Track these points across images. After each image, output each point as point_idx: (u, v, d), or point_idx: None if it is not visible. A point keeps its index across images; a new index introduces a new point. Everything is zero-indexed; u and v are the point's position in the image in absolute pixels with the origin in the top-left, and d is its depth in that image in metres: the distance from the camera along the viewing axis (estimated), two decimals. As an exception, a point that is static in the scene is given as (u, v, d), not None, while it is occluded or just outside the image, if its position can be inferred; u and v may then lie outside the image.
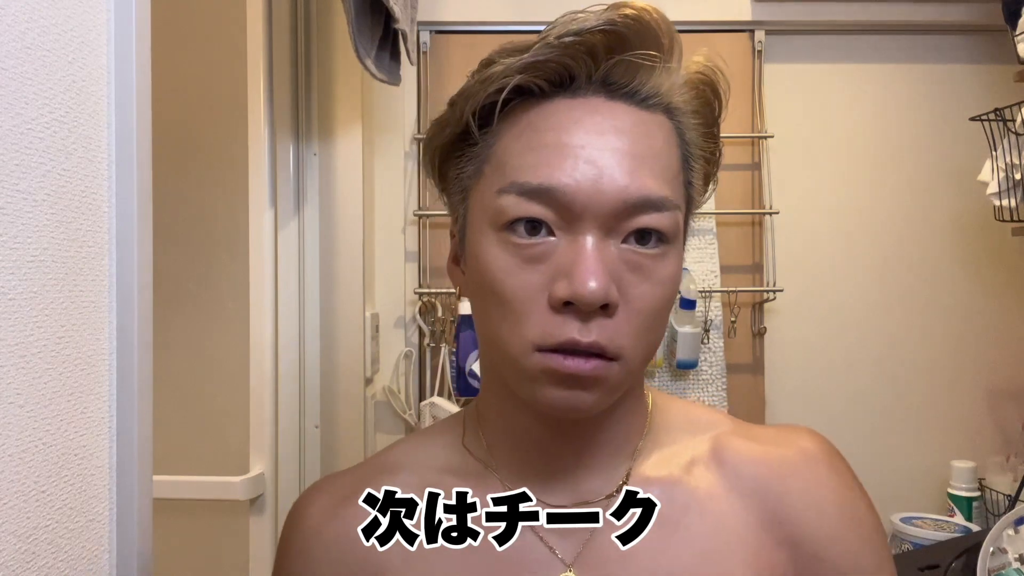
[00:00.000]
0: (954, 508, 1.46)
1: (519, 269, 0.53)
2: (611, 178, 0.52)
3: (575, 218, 0.52)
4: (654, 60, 0.55)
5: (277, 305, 1.35)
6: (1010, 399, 1.59)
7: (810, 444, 0.62)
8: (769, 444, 0.61)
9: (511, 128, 0.56)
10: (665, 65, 0.56)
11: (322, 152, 1.40)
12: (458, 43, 1.57)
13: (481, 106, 0.56)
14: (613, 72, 0.55)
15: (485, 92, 0.55)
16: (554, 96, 0.56)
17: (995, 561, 1.10)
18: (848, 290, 1.60)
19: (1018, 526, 1.12)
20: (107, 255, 0.53)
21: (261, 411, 1.32)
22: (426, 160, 0.63)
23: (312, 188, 1.39)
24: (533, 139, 0.54)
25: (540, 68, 0.54)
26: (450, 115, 0.59)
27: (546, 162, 0.53)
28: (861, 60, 1.60)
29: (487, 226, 0.55)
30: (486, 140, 0.57)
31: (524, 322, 0.52)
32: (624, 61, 0.54)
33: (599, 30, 0.53)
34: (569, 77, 0.55)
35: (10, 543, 0.44)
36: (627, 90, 0.55)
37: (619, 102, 0.55)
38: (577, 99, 0.55)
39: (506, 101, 0.55)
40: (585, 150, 0.53)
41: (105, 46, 0.53)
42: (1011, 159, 1.34)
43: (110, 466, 0.54)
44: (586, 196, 0.51)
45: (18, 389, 0.45)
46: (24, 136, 0.45)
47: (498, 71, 0.55)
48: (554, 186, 0.52)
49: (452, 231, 0.63)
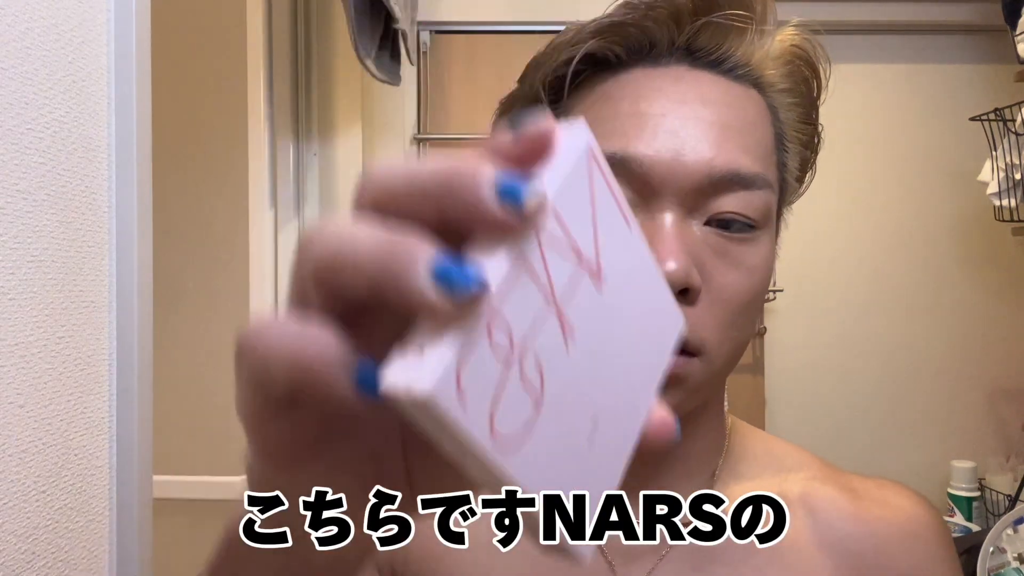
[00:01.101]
0: (954, 508, 1.46)
1: None
2: (694, 150, 0.46)
3: (653, 193, 0.46)
4: (746, 22, 0.49)
5: (277, 305, 1.35)
6: (1010, 399, 1.59)
7: (918, 511, 0.54)
8: (869, 501, 0.53)
9: (584, 101, 0.50)
10: (759, 27, 0.50)
11: (322, 152, 1.40)
12: (458, 43, 1.56)
13: (553, 77, 0.50)
14: (698, 38, 0.49)
15: (556, 61, 0.49)
16: (632, 65, 0.49)
17: (995, 560, 1.10)
18: (848, 290, 1.60)
19: (1017, 526, 1.12)
20: (107, 255, 0.53)
21: (261, 411, 1.32)
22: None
23: (312, 188, 1.39)
24: (607, 108, 0.48)
25: (617, 32, 0.48)
26: (519, 91, 0.53)
27: (621, 131, 0.46)
28: (862, 60, 1.60)
29: None
30: (558, 116, 0.50)
31: None
32: (711, 24, 0.48)
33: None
34: (649, 44, 0.49)
35: (10, 543, 0.44)
36: (714, 58, 0.49)
37: (705, 71, 0.49)
38: (658, 68, 0.49)
39: (578, 72, 0.49)
40: (666, 119, 0.46)
41: (105, 46, 0.53)
42: (1011, 159, 1.34)
43: (110, 466, 0.54)
44: (665, 168, 0.45)
45: (18, 389, 0.45)
46: (24, 136, 0.45)
47: (568, 37, 0.49)
48: (630, 156, 0.46)
49: None
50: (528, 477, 0.23)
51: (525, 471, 0.22)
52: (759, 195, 0.47)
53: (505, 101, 0.55)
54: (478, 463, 0.21)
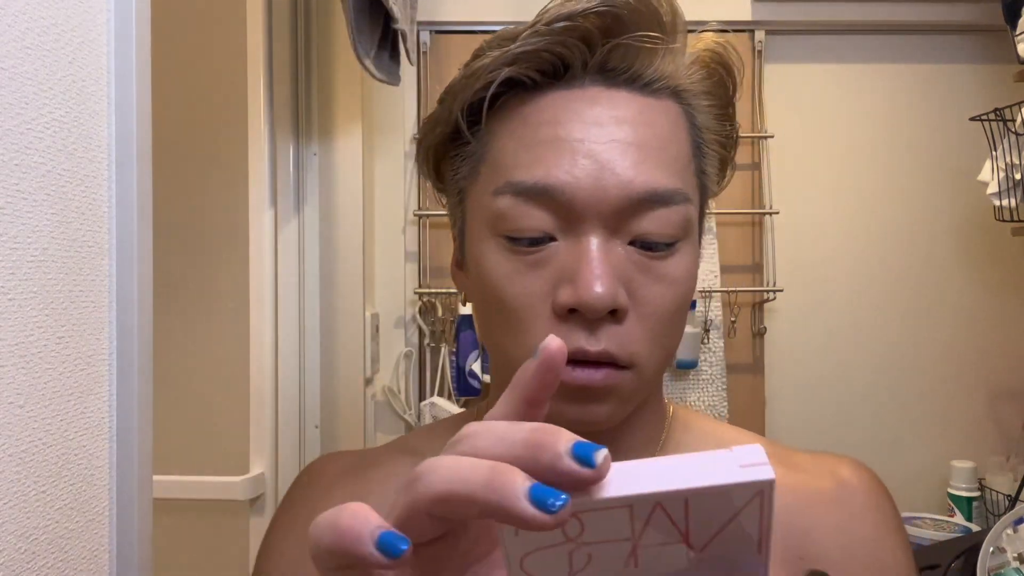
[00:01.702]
0: (954, 508, 1.46)
1: (519, 276, 0.49)
2: (613, 172, 0.47)
3: (577, 218, 0.47)
4: (655, 42, 0.50)
5: (277, 305, 1.35)
6: (1010, 399, 1.59)
7: (850, 475, 0.57)
8: (805, 473, 0.56)
9: (504, 124, 0.51)
10: (669, 46, 0.51)
11: (322, 152, 1.40)
12: (458, 43, 1.57)
13: (470, 103, 0.51)
14: (611, 58, 0.50)
15: (473, 88, 0.51)
16: (548, 88, 0.51)
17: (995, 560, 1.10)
18: (848, 290, 1.60)
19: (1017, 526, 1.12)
20: (107, 255, 0.53)
21: (261, 411, 1.32)
22: (420, 160, 0.58)
23: (312, 188, 1.39)
24: (527, 135, 0.49)
25: (530, 58, 0.50)
26: (440, 113, 0.54)
27: (542, 159, 0.48)
28: (861, 60, 1.60)
29: (485, 230, 0.50)
30: (479, 138, 0.53)
31: (528, 331, 0.48)
32: (622, 45, 0.49)
33: (593, 12, 0.48)
34: (563, 66, 0.50)
35: (10, 543, 0.44)
36: (628, 76, 0.50)
37: (620, 90, 0.50)
38: (573, 90, 0.50)
39: (496, 96, 0.51)
40: (584, 144, 0.48)
41: (105, 46, 0.53)
42: (1011, 159, 1.34)
43: (110, 466, 0.54)
44: (587, 194, 0.47)
45: (18, 389, 0.45)
46: (24, 136, 0.45)
47: (485, 64, 0.50)
48: (551, 185, 0.47)
49: (453, 234, 0.58)
50: None
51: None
52: (677, 210, 0.49)
53: (427, 122, 0.56)
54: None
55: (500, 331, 0.51)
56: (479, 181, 0.52)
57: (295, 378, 1.37)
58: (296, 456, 1.37)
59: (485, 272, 0.50)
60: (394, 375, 1.55)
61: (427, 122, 0.56)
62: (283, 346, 1.35)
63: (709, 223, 1.53)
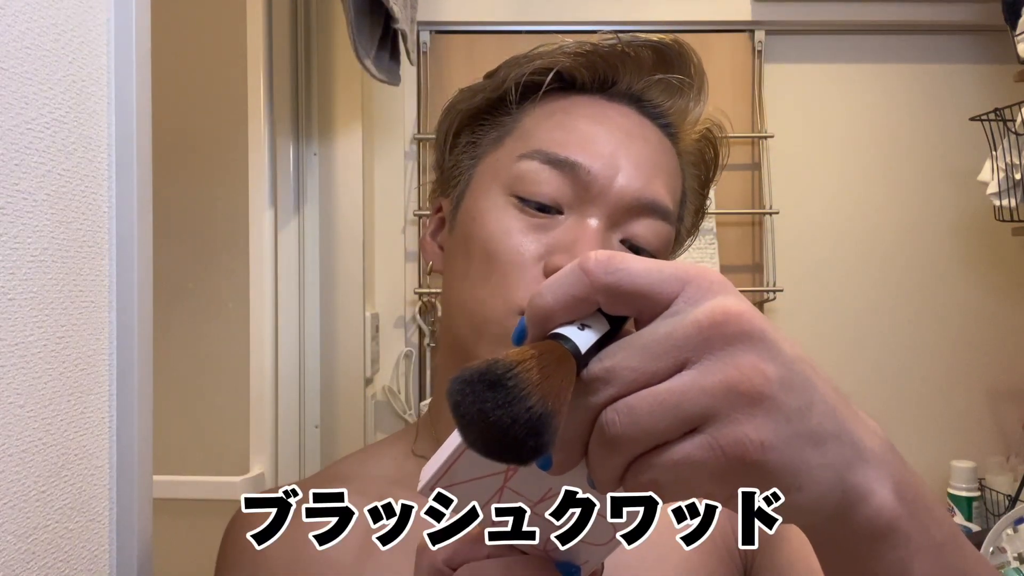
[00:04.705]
0: (954, 508, 1.46)
1: (520, 233, 0.53)
2: (631, 175, 0.53)
3: (589, 200, 0.53)
4: (688, 89, 0.58)
5: (277, 305, 1.35)
6: (1010, 399, 1.59)
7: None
8: None
9: (542, 108, 0.58)
10: (695, 97, 0.59)
11: (322, 152, 1.40)
12: (458, 43, 1.56)
13: (525, 80, 0.57)
14: (650, 90, 0.58)
15: (532, 66, 0.57)
16: (589, 92, 0.58)
17: (994, 560, 1.10)
18: (848, 290, 1.60)
19: (1017, 526, 1.12)
20: (107, 255, 0.53)
21: (261, 411, 1.32)
22: (443, 123, 0.62)
23: (312, 188, 1.39)
24: (566, 121, 0.56)
25: (591, 61, 0.57)
26: (486, 83, 0.60)
27: (577, 141, 0.54)
28: (861, 60, 1.60)
29: (497, 188, 0.55)
30: (515, 115, 0.59)
31: (513, 284, 0.52)
32: (662, 83, 0.58)
33: (650, 47, 0.57)
34: (611, 80, 0.58)
35: (10, 543, 0.44)
36: (657, 111, 0.58)
37: (647, 119, 0.58)
38: (613, 102, 0.58)
39: (547, 82, 0.57)
40: (613, 144, 0.54)
41: (105, 46, 0.53)
42: (1011, 159, 1.34)
43: (110, 466, 0.54)
44: (605, 181, 0.53)
45: (18, 389, 0.45)
46: (24, 136, 0.45)
47: (550, 50, 0.57)
48: (580, 163, 0.53)
49: (439, 205, 0.62)
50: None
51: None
52: (667, 228, 0.56)
53: (466, 90, 0.62)
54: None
55: (481, 283, 0.53)
56: (501, 148, 0.58)
57: (295, 378, 1.37)
58: (296, 456, 1.37)
59: (484, 223, 0.54)
60: (394, 375, 1.55)
61: (467, 89, 0.62)
62: (283, 346, 1.35)
63: (709, 223, 1.53)
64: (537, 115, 0.57)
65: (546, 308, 0.30)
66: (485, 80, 0.60)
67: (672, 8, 1.52)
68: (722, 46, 1.56)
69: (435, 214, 0.62)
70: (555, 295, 0.29)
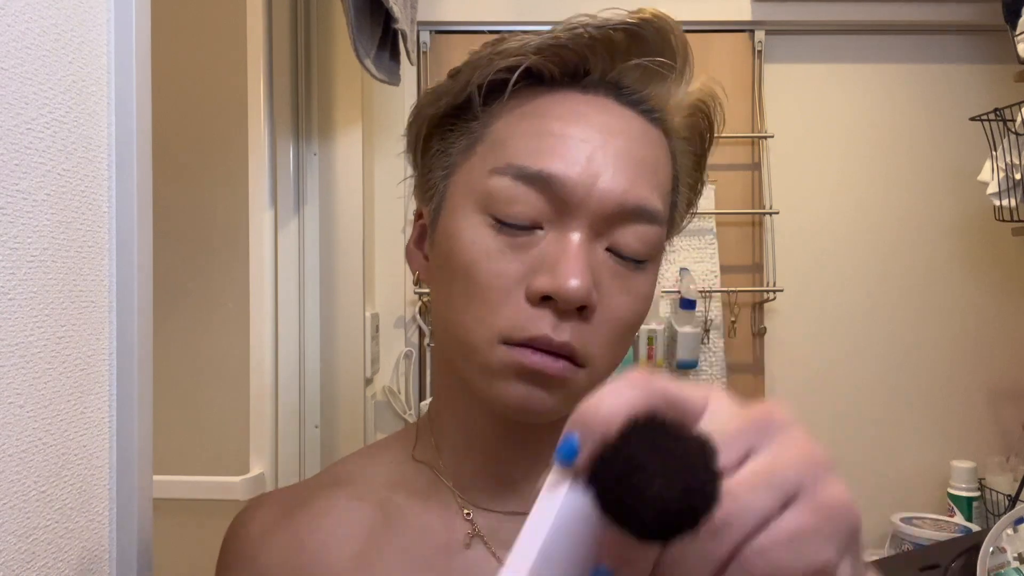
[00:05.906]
0: (954, 508, 1.46)
1: (499, 255, 0.50)
2: (612, 179, 0.49)
3: (568, 212, 0.49)
4: (669, 70, 0.53)
5: (277, 305, 1.35)
6: (1010, 399, 1.59)
7: None
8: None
9: (512, 111, 0.53)
10: (677, 79, 0.54)
11: (322, 152, 1.40)
12: (458, 43, 1.56)
13: (489, 81, 0.53)
14: (627, 75, 0.53)
15: (496, 67, 0.52)
16: (563, 87, 0.53)
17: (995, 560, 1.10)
18: (848, 290, 1.60)
19: (1017, 526, 1.12)
20: (107, 255, 0.53)
21: (261, 411, 1.32)
22: (411, 128, 0.59)
23: (312, 188, 1.39)
24: (537, 125, 0.51)
25: (558, 53, 0.52)
26: (450, 85, 0.55)
27: (549, 150, 0.50)
28: (861, 60, 1.60)
29: (471, 205, 0.51)
30: (483, 119, 0.54)
31: (495, 311, 0.49)
32: (640, 66, 0.53)
33: (623, 28, 0.52)
34: (584, 71, 0.53)
35: (10, 543, 0.44)
36: (636, 97, 0.53)
37: (626, 108, 0.53)
38: (588, 95, 0.53)
39: (514, 82, 0.52)
40: (589, 145, 0.50)
41: (105, 46, 0.53)
42: (1011, 159, 1.34)
43: (110, 466, 0.54)
44: (584, 191, 0.49)
45: (18, 389, 0.45)
46: (24, 136, 0.45)
47: (514, 47, 0.52)
48: (554, 175, 0.49)
49: (419, 211, 0.60)
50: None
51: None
52: (655, 230, 0.52)
53: (430, 93, 0.57)
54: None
55: (463, 308, 0.51)
56: (474, 158, 0.53)
57: (295, 378, 1.37)
58: (296, 456, 1.37)
59: (462, 247, 0.51)
60: (394, 375, 1.55)
61: (431, 92, 0.57)
62: (283, 346, 1.35)
63: (709, 223, 1.53)
64: (507, 119, 0.53)
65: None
66: (449, 80, 0.55)
67: (672, 8, 1.51)
68: (722, 46, 1.56)
69: (417, 220, 0.61)
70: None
